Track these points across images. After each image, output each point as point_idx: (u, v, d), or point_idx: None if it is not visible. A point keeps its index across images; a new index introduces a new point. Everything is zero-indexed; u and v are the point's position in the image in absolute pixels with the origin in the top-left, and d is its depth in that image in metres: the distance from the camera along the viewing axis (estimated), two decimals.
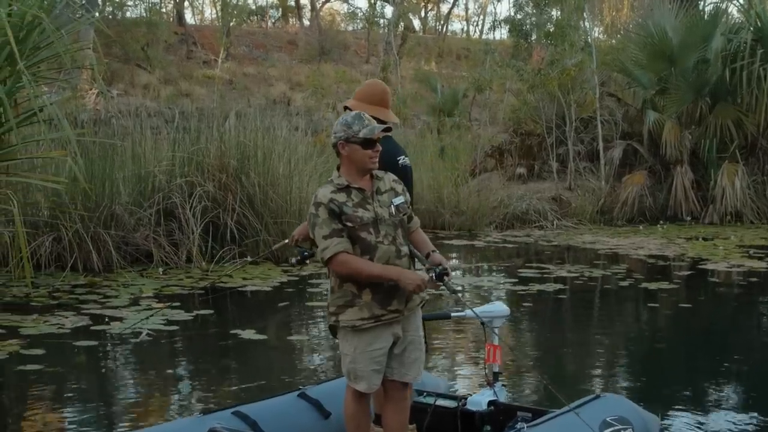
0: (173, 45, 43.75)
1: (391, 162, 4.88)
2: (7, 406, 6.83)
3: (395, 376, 4.43)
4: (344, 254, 4.21)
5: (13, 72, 9.10)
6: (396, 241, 4.35)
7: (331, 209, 4.24)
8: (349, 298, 4.31)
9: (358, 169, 4.36)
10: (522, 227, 17.25)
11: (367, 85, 5.35)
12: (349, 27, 59.84)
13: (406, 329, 4.42)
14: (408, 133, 23.67)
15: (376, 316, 4.28)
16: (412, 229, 4.56)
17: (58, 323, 8.85)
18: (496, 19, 58.84)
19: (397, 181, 4.55)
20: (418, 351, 4.49)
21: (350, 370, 4.36)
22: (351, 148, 4.34)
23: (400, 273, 4.26)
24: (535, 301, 10.69)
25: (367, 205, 4.32)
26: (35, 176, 10.67)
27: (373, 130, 4.33)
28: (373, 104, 5.13)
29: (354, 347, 4.32)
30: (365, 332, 4.30)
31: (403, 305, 4.34)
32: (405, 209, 4.47)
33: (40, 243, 11.16)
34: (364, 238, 4.26)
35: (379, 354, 4.33)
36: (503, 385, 5.22)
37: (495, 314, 5.31)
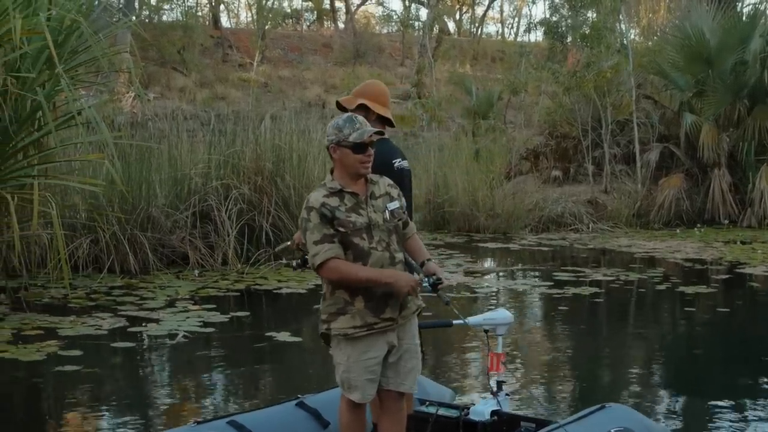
0: (209, 48, 43.99)
1: (386, 164, 4.81)
2: (45, 406, 6.89)
3: (390, 386, 4.32)
4: (335, 260, 4.11)
5: (52, 75, 9.18)
6: (390, 248, 4.24)
7: (322, 214, 4.14)
8: (341, 306, 4.20)
9: (350, 174, 4.25)
10: (557, 230, 17.17)
11: (377, 87, 5.23)
12: (383, 30, 59.84)
13: (401, 338, 4.31)
14: (443, 136, 23.63)
15: (368, 324, 4.18)
16: (408, 235, 4.45)
17: (95, 324, 8.92)
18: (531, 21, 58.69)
19: (392, 185, 4.43)
20: (414, 360, 4.38)
21: (344, 380, 4.26)
22: (342, 152, 4.23)
23: (393, 276, 4.15)
24: (571, 305, 10.63)
25: (361, 210, 4.21)
26: (73, 179, 10.76)
27: (364, 134, 4.21)
28: (381, 104, 5.08)
29: (347, 356, 4.22)
30: (358, 341, 4.19)
31: (397, 313, 4.23)
32: (400, 214, 4.36)
33: (78, 245, 11.25)
34: (357, 244, 4.15)
35: (373, 363, 4.22)
36: (507, 394, 5.10)
37: (498, 322, 5.13)
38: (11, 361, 7.60)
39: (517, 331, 9.54)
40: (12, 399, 7.08)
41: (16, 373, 7.45)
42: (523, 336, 9.34)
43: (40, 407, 6.88)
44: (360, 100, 5.06)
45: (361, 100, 5.06)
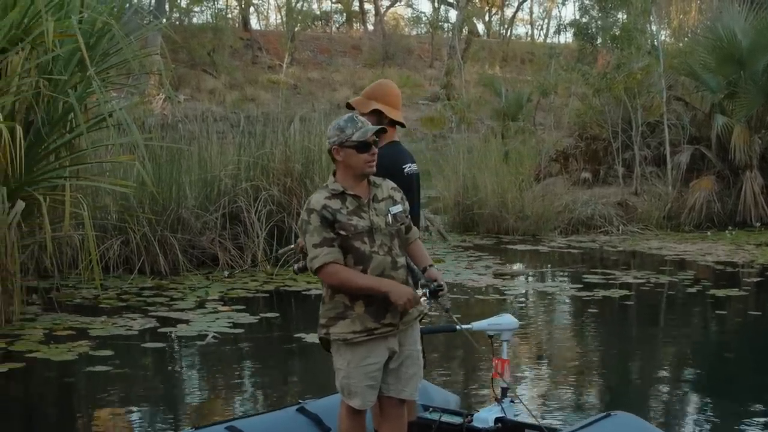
0: (239, 50, 44.20)
1: (396, 169, 4.77)
2: (77, 406, 6.95)
3: (391, 393, 4.26)
4: (334, 265, 4.06)
5: (84, 78, 9.25)
6: (392, 252, 4.18)
7: (323, 216, 4.08)
8: (340, 310, 4.15)
9: (355, 175, 4.19)
10: (587, 232, 17.09)
11: (388, 87, 5.12)
12: (413, 31, 59.89)
13: (402, 343, 4.25)
14: (472, 138, 23.59)
15: (368, 329, 4.12)
16: (411, 240, 4.39)
17: (126, 325, 8.98)
18: (560, 22, 58.42)
19: (395, 188, 4.38)
20: (415, 366, 4.32)
21: (344, 386, 4.20)
22: (346, 153, 4.17)
23: (391, 286, 4.07)
24: (600, 307, 10.58)
25: (363, 213, 4.15)
26: (104, 180, 10.83)
27: (367, 132, 4.16)
28: (394, 107, 5.00)
29: (347, 362, 4.16)
30: (359, 346, 4.13)
31: (398, 319, 4.17)
32: (403, 218, 4.29)
33: (109, 246, 11.33)
34: (358, 248, 4.10)
35: (373, 369, 4.16)
36: (511, 401, 5.01)
37: (503, 327, 5.03)
38: (43, 360, 7.66)
39: (545, 333, 9.52)
40: (44, 398, 7.14)
41: (48, 373, 7.52)
42: (551, 338, 9.32)
43: (72, 407, 6.94)
44: (374, 105, 4.97)
45: (375, 105, 4.97)
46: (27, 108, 8.83)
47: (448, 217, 17.50)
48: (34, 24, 8.80)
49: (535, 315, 10.58)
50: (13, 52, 8.60)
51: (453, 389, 6.45)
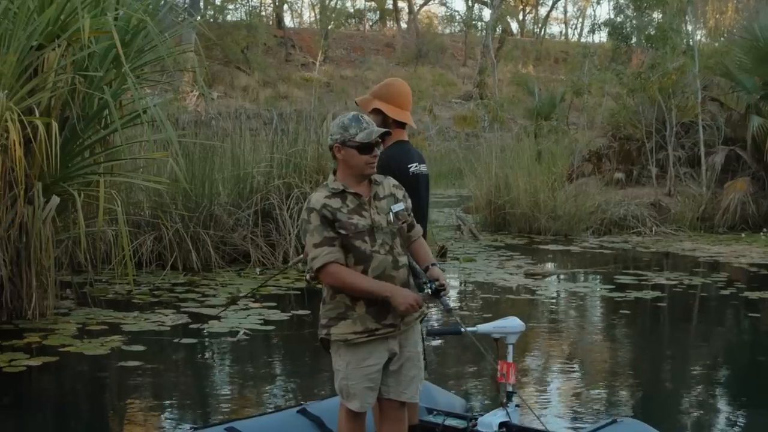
0: (272, 48, 44.34)
1: (401, 169, 4.70)
2: (108, 400, 6.99)
3: (391, 395, 4.20)
4: (334, 265, 3.99)
5: (119, 74, 9.31)
6: (393, 251, 4.10)
7: (323, 216, 4.01)
8: (341, 311, 4.09)
9: (355, 175, 4.11)
10: (619, 233, 17.02)
11: (394, 86, 5.01)
12: (446, 30, 59.88)
13: (403, 345, 4.18)
14: (504, 137, 23.54)
15: (370, 330, 4.06)
16: (413, 238, 4.31)
17: (158, 321, 9.03)
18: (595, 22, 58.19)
19: (397, 186, 4.29)
20: (416, 368, 4.25)
21: (342, 388, 4.14)
22: (347, 152, 4.09)
23: (393, 291, 4.00)
24: (632, 309, 10.52)
25: (363, 212, 4.08)
26: (138, 176, 10.90)
27: (371, 134, 4.07)
28: (400, 107, 4.89)
29: (347, 363, 4.10)
30: (359, 347, 4.07)
31: (399, 319, 4.10)
32: (405, 216, 4.22)
33: (142, 242, 11.41)
34: (359, 247, 4.03)
35: (373, 371, 4.10)
36: (517, 405, 4.90)
37: (508, 330, 4.87)
38: (76, 355, 7.73)
39: (577, 334, 9.48)
40: (76, 392, 7.20)
41: (81, 367, 7.57)
42: (583, 340, 9.28)
43: (104, 401, 6.99)
44: (375, 104, 4.90)
45: (376, 104, 4.90)
46: (63, 104, 8.90)
47: (479, 217, 17.49)
48: (71, 21, 8.86)
49: (566, 315, 10.54)
50: (50, 49, 8.67)
51: (458, 392, 6.40)
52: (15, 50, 8.29)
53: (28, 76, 8.67)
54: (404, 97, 4.94)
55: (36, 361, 7.44)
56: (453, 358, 7.98)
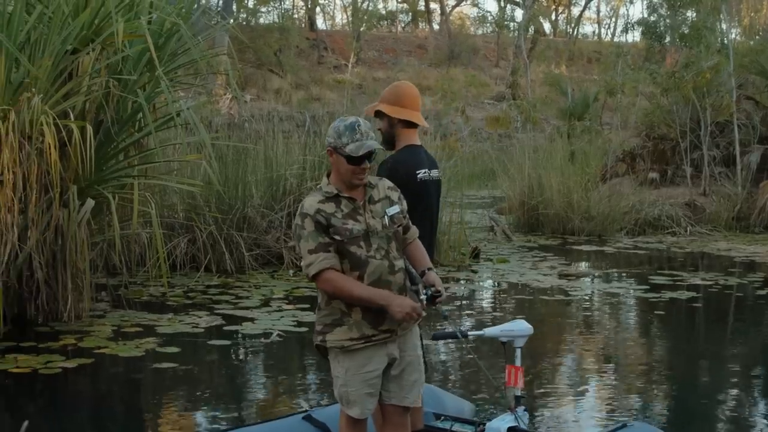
0: (305, 50, 44.47)
1: (409, 174, 4.62)
2: (143, 402, 7.03)
3: (393, 400, 4.14)
4: (330, 271, 3.92)
5: (152, 78, 9.36)
6: (389, 255, 4.02)
7: (317, 221, 3.94)
8: (337, 317, 4.03)
9: (344, 182, 4.04)
10: (654, 233, 16.91)
11: (398, 87, 4.95)
12: (478, 31, 59.79)
13: (403, 350, 4.12)
14: (537, 137, 23.46)
15: (366, 336, 4.00)
16: (409, 240, 4.22)
17: (192, 322, 9.07)
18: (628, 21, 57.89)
19: (392, 188, 4.20)
20: (417, 372, 4.19)
21: (342, 395, 4.08)
22: (338, 159, 4.01)
23: (389, 299, 3.93)
24: (667, 309, 10.45)
25: (358, 216, 4.00)
26: (172, 179, 10.96)
27: (360, 148, 3.95)
28: (404, 107, 4.81)
29: (345, 369, 4.04)
30: (357, 353, 4.02)
31: (396, 325, 4.02)
32: (400, 219, 4.13)
33: (176, 244, 11.47)
34: (354, 252, 3.96)
35: (372, 376, 4.04)
36: (525, 409, 4.82)
37: (516, 334, 4.76)
38: (111, 356, 7.77)
39: (611, 335, 9.43)
40: (111, 394, 7.25)
41: (116, 369, 7.62)
42: (617, 340, 9.23)
43: (138, 403, 7.03)
44: (378, 106, 4.84)
45: (379, 106, 4.84)
46: (97, 108, 8.96)
47: (512, 217, 17.43)
48: (105, 25, 8.92)
49: (600, 316, 10.48)
50: (84, 53, 8.73)
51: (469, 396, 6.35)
52: (50, 54, 8.36)
53: (62, 80, 8.74)
54: (410, 98, 4.85)
55: (71, 363, 7.50)
56: (465, 362, 7.93)
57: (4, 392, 7.08)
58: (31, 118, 7.91)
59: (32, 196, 8.01)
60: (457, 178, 15.18)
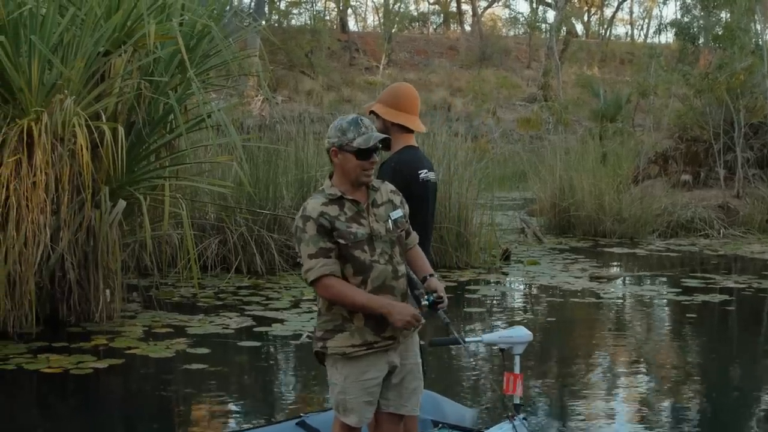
0: (336, 52, 44.54)
1: (412, 175, 4.54)
2: (174, 403, 7.05)
3: (391, 409, 4.03)
4: (330, 278, 3.83)
5: (184, 79, 9.39)
6: (393, 260, 3.94)
7: (320, 224, 3.84)
8: (339, 323, 3.93)
9: (351, 181, 3.93)
10: (686, 236, 16.78)
11: (395, 89, 4.82)
12: (510, 32, 59.63)
13: (404, 357, 4.03)
14: (569, 139, 23.35)
15: (368, 343, 3.90)
16: (410, 245, 4.13)
17: (222, 323, 9.09)
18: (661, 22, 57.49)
19: (395, 191, 4.11)
20: (416, 381, 4.09)
21: (339, 402, 3.97)
22: (344, 157, 3.90)
23: (390, 307, 3.83)
24: (700, 313, 10.37)
25: (362, 220, 3.91)
26: (203, 180, 10.99)
27: (369, 140, 3.87)
28: (400, 110, 4.68)
29: (344, 376, 3.94)
30: (358, 360, 3.91)
31: (399, 331, 3.93)
32: (403, 224, 4.04)
33: (207, 245, 11.51)
34: (358, 257, 3.86)
35: (372, 384, 3.94)
36: (524, 418, 4.72)
37: (515, 340, 4.65)
38: (142, 357, 7.81)
39: (643, 338, 9.36)
40: (142, 394, 7.27)
41: (147, 370, 7.65)
42: (648, 344, 9.16)
43: (169, 403, 7.05)
44: (373, 107, 4.74)
45: (374, 107, 4.74)
46: (129, 109, 9.01)
47: (544, 219, 17.37)
48: (137, 27, 8.97)
49: (632, 319, 10.41)
50: (116, 55, 8.78)
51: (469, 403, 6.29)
52: (82, 56, 8.41)
53: (95, 81, 8.79)
54: (406, 100, 4.74)
55: (103, 364, 7.54)
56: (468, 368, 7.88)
57: (36, 392, 7.14)
58: (64, 119, 7.96)
59: (64, 197, 8.06)
60: (488, 179, 15.14)
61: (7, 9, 8.24)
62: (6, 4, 8.28)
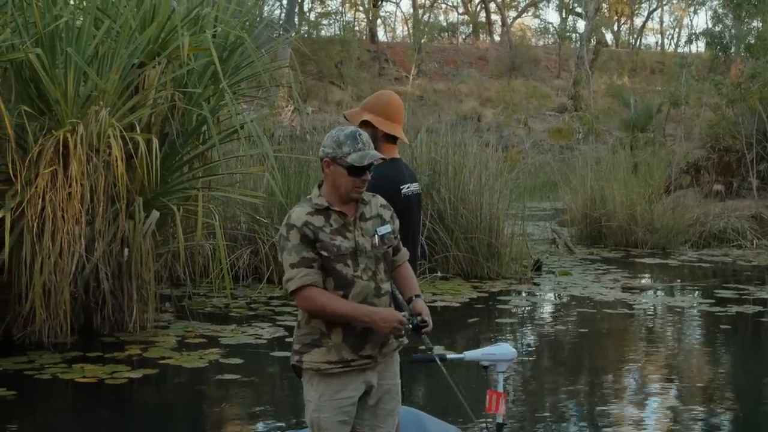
0: (366, 62, 44.62)
1: (393, 189, 4.43)
2: (207, 413, 7.09)
3: (366, 429, 3.92)
4: (311, 288, 3.71)
5: (217, 90, 9.46)
6: (377, 277, 3.82)
7: (304, 234, 3.72)
8: (316, 337, 3.81)
9: (340, 195, 3.81)
10: (719, 246, 16.65)
11: (388, 98, 4.72)
12: (540, 42, 59.53)
13: (381, 377, 3.91)
14: (600, 149, 23.28)
15: (345, 360, 3.78)
16: (398, 263, 4.00)
17: (255, 334, 9.13)
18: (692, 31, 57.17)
19: (385, 206, 3.98)
20: (393, 402, 3.98)
21: (314, 420, 3.85)
22: (336, 170, 3.80)
23: (372, 314, 3.72)
24: (733, 324, 10.29)
25: (347, 233, 3.79)
26: (235, 191, 11.04)
27: (364, 158, 3.75)
28: (393, 121, 4.60)
29: (319, 394, 3.82)
30: (333, 378, 3.79)
31: (377, 350, 3.83)
32: (391, 240, 3.91)
33: (239, 255, 11.55)
34: (340, 271, 3.74)
35: (347, 404, 3.82)
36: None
37: (497, 358, 4.47)
38: (175, 367, 7.86)
39: (675, 349, 9.31)
40: (176, 405, 7.31)
41: (180, 380, 7.70)
42: (681, 355, 9.11)
43: (202, 414, 7.09)
44: (365, 116, 4.60)
45: (365, 116, 4.60)
46: (162, 120, 9.08)
47: (575, 230, 17.31)
48: (170, 39, 9.05)
49: (664, 330, 10.35)
50: (150, 67, 8.86)
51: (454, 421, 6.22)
52: (117, 68, 8.49)
53: (129, 93, 8.87)
54: (395, 109, 4.66)
55: (137, 374, 7.59)
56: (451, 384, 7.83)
57: (71, 401, 7.20)
58: (99, 130, 8.03)
59: (99, 207, 8.14)
60: (519, 189, 15.11)
61: (43, 22, 8.34)
62: (43, 17, 8.38)
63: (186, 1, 9.72)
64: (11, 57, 8.30)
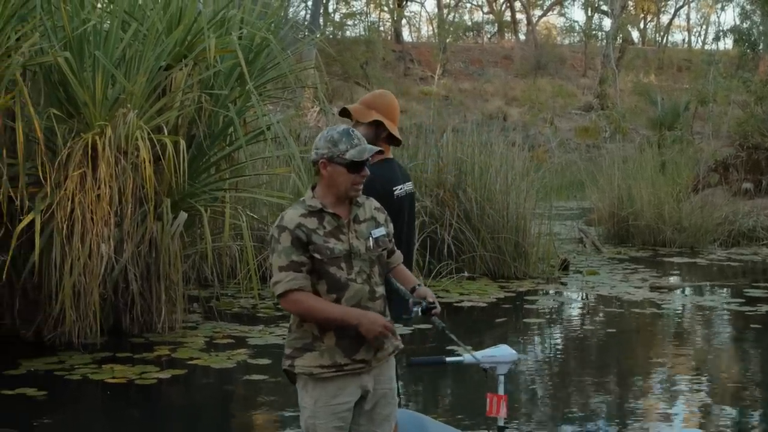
0: (391, 62, 44.64)
1: (386, 190, 4.39)
2: (236, 414, 7.12)
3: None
4: (299, 292, 3.66)
5: (243, 92, 9.49)
6: (371, 280, 3.77)
7: (296, 236, 3.67)
8: (308, 341, 3.75)
9: (338, 195, 3.76)
10: (748, 245, 16.54)
11: (389, 98, 4.70)
12: (565, 41, 59.39)
13: (377, 381, 3.85)
14: (627, 148, 23.18)
15: (338, 365, 3.72)
16: (393, 264, 3.97)
17: (282, 334, 9.13)
18: (720, 28, 56.82)
19: (379, 209, 3.94)
20: (390, 406, 3.93)
21: (309, 427, 3.79)
22: (334, 170, 3.73)
23: (360, 317, 3.67)
24: (763, 323, 10.22)
25: (341, 235, 3.74)
26: (262, 192, 11.07)
27: (363, 152, 3.73)
28: (392, 121, 4.58)
29: (314, 400, 3.76)
30: (328, 382, 3.74)
31: (372, 355, 3.77)
32: (385, 243, 3.87)
33: (266, 256, 11.54)
34: (333, 274, 3.69)
35: (343, 409, 3.76)
36: None
37: (498, 360, 4.41)
38: (204, 367, 7.89)
39: (704, 349, 9.26)
40: (204, 405, 7.35)
41: (208, 380, 7.73)
42: (710, 355, 9.06)
43: (230, 414, 7.12)
44: (374, 116, 4.57)
45: (375, 116, 4.57)
46: (190, 122, 9.12)
47: (602, 229, 17.24)
48: (197, 41, 9.09)
49: (693, 330, 10.30)
50: (177, 69, 8.90)
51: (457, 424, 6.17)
52: (145, 71, 8.53)
53: (156, 95, 8.91)
54: (396, 111, 4.67)
55: (166, 374, 7.63)
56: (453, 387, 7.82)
57: (101, 401, 7.25)
58: (127, 133, 8.08)
59: (127, 209, 8.19)
60: (546, 189, 15.07)
61: (72, 25, 8.40)
62: (71, 21, 8.44)
63: (212, 4, 9.76)
64: (40, 61, 8.36)
